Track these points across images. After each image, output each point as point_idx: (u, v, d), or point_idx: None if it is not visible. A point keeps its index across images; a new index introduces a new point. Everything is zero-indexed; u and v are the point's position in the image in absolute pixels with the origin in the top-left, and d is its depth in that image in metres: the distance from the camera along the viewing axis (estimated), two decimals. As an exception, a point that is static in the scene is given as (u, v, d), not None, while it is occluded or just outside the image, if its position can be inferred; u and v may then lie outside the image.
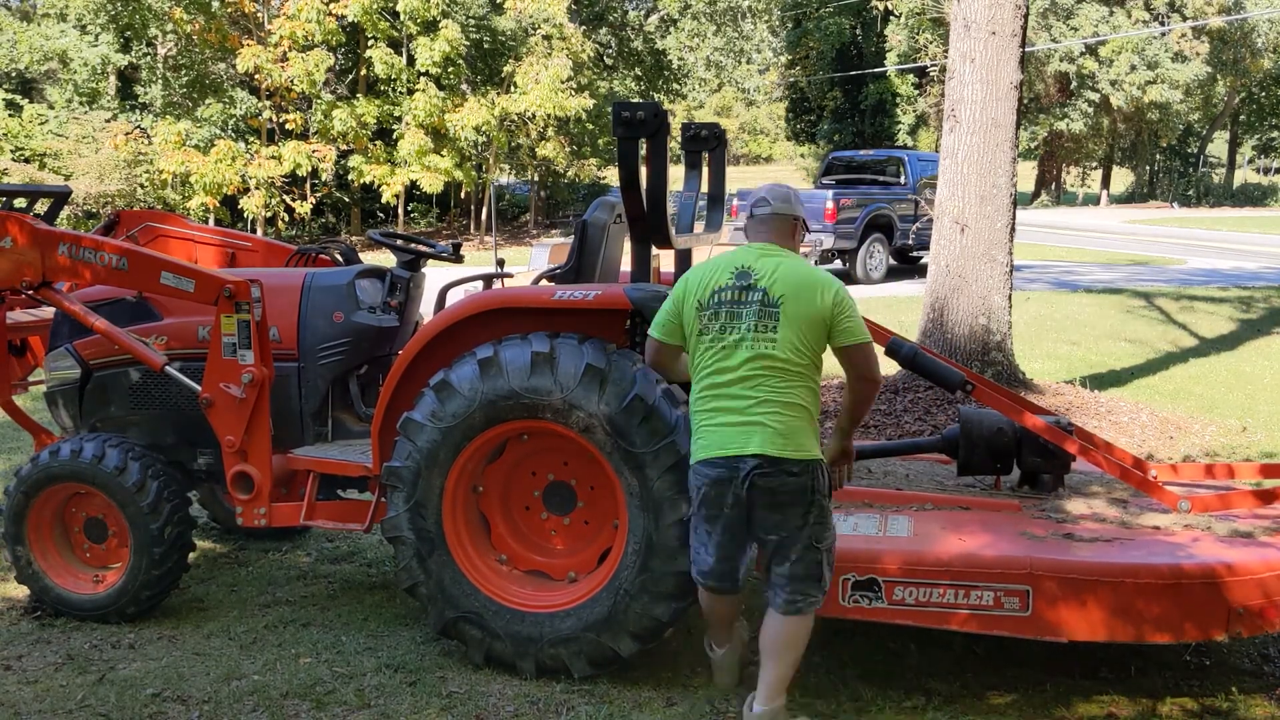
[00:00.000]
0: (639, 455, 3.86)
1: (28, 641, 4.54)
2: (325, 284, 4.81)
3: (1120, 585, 3.61)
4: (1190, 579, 3.63)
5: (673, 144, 4.58)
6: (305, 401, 4.75)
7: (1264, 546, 3.87)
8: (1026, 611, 3.64)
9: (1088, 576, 3.63)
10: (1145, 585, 3.62)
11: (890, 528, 4.03)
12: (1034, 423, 4.32)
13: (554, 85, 23.05)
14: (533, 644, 4.04)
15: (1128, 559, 3.71)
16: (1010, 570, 3.66)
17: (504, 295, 4.26)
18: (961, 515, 4.21)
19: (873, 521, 4.10)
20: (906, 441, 5.13)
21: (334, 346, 4.75)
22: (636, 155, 4.03)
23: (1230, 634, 3.67)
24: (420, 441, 4.06)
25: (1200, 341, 12.21)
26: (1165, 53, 39.68)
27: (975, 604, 3.67)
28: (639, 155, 4.05)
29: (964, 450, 4.53)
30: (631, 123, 3.98)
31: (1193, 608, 3.63)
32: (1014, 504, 4.32)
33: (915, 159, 20.03)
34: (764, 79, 49.87)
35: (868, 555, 3.78)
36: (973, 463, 4.54)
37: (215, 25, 23.09)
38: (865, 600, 3.76)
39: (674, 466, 3.83)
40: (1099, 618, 3.63)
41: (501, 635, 4.08)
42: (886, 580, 3.73)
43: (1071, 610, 3.63)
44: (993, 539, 3.90)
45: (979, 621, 3.69)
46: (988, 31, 7.96)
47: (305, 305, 4.76)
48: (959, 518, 4.18)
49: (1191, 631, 3.69)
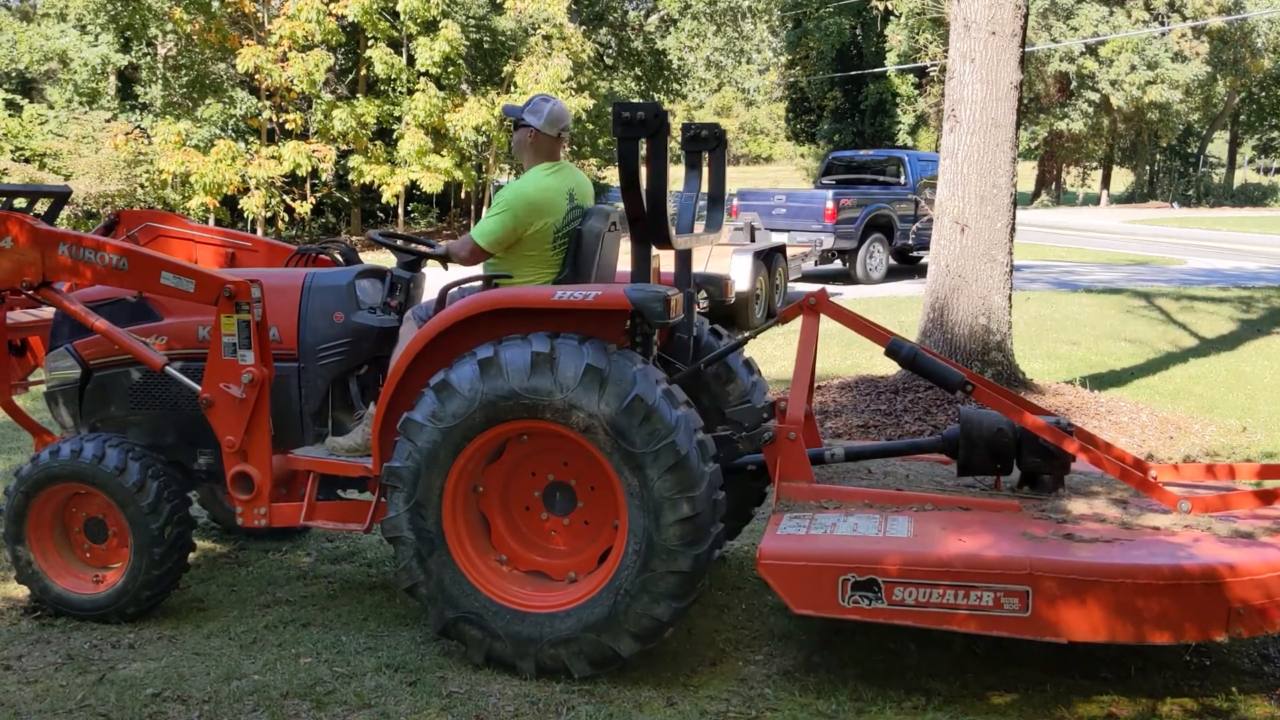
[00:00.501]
0: (639, 455, 3.86)
1: (28, 641, 4.53)
2: (325, 284, 4.80)
3: (1120, 586, 3.61)
4: (1190, 579, 3.63)
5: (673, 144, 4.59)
6: (305, 401, 4.74)
7: (1264, 547, 3.86)
8: (1026, 612, 3.64)
9: (1087, 577, 3.62)
10: (1145, 585, 3.61)
11: (890, 528, 4.02)
12: (1034, 423, 4.32)
13: (554, 85, 23.04)
14: (533, 644, 4.04)
15: (1127, 559, 3.71)
16: (1010, 571, 3.66)
17: (504, 295, 4.26)
18: (961, 516, 4.20)
19: (873, 522, 4.09)
20: (906, 442, 5.13)
21: (334, 347, 4.75)
22: (636, 155, 4.04)
23: (1230, 634, 3.67)
24: (420, 442, 4.06)
25: (1200, 341, 12.22)
26: (1165, 53, 39.71)
27: (975, 604, 3.67)
28: (639, 155, 4.05)
29: (964, 451, 4.53)
30: (631, 123, 3.98)
31: (1193, 608, 3.62)
32: (1014, 504, 4.32)
33: (915, 159, 20.02)
34: (764, 79, 49.86)
35: (867, 556, 3.78)
36: (973, 463, 4.54)
37: (215, 25, 23.07)
38: (865, 601, 3.75)
39: (674, 467, 3.84)
40: (1099, 618, 3.63)
41: (501, 635, 4.08)
42: (886, 581, 3.72)
43: (1071, 611, 3.63)
44: (992, 539, 3.90)
45: (978, 622, 3.69)
46: (988, 31, 7.97)
47: (305, 305, 4.75)
48: (959, 518, 4.17)
49: (1191, 632, 3.68)
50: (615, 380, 3.88)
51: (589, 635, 3.98)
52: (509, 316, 4.13)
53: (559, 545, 4.28)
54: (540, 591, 4.17)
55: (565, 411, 3.92)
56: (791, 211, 18.01)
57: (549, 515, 4.26)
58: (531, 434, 4.14)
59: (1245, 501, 4.25)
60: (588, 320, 4.08)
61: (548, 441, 4.15)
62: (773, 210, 17.96)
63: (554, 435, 4.06)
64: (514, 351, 3.98)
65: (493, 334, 4.10)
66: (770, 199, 18.62)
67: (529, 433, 4.13)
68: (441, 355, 4.17)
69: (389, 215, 28.09)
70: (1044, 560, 3.68)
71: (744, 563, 5.28)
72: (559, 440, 4.08)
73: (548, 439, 4.13)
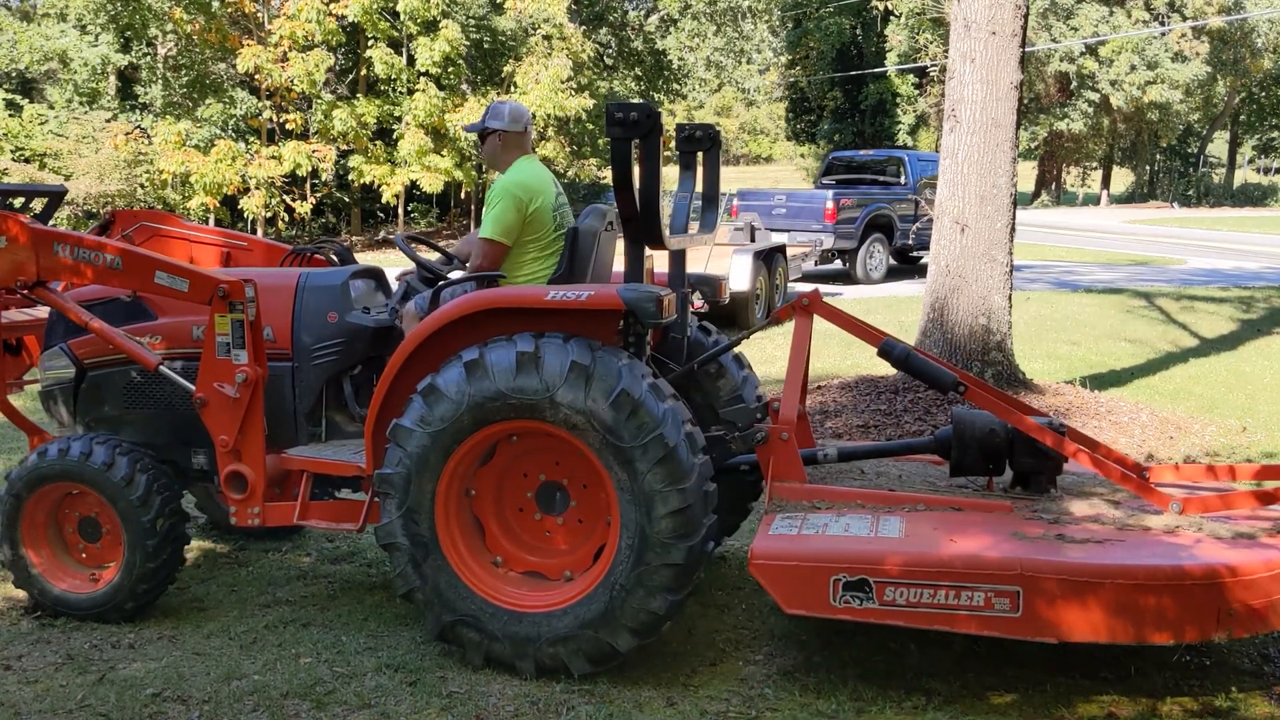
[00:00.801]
0: (627, 450, 3.87)
1: (28, 641, 4.53)
2: (319, 284, 4.81)
3: (1112, 586, 3.60)
4: (1184, 579, 3.62)
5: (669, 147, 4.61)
6: (299, 401, 4.75)
7: (1256, 547, 3.86)
8: (1017, 612, 3.63)
9: (1079, 577, 3.62)
10: (1138, 585, 3.61)
11: (882, 528, 4.02)
12: (1026, 424, 4.32)
13: (554, 85, 23.04)
14: (531, 644, 4.04)
15: (1119, 560, 3.70)
16: (1001, 571, 3.65)
17: (497, 295, 4.26)
18: (954, 516, 4.19)
19: (865, 522, 4.09)
20: (900, 442, 5.13)
21: (328, 346, 4.76)
22: (629, 156, 4.04)
23: (1224, 634, 3.66)
24: (410, 447, 4.06)
25: (1200, 341, 12.21)
26: (1165, 53, 39.71)
27: (966, 604, 3.66)
28: (632, 156, 4.05)
29: (956, 451, 4.52)
30: (625, 123, 3.99)
31: (1186, 608, 3.61)
32: (1006, 505, 4.31)
33: (915, 159, 20.02)
34: (764, 79, 49.86)
35: (858, 556, 3.77)
36: (965, 463, 4.54)
37: (215, 25, 23.07)
38: (856, 601, 3.75)
39: (663, 460, 3.85)
40: (1090, 618, 3.62)
41: (499, 637, 4.07)
42: (877, 581, 3.72)
43: (1062, 611, 3.62)
44: (985, 540, 3.89)
45: (970, 622, 3.68)
46: (988, 31, 7.96)
47: (299, 305, 4.76)
48: (951, 519, 4.16)
49: (1186, 632, 3.67)
50: (600, 376, 3.88)
51: (586, 632, 3.98)
52: (503, 317, 4.13)
53: (554, 545, 4.28)
54: (536, 591, 4.17)
55: (553, 409, 3.92)
56: (791, 211, 18.01)
57: (543, 515, 4.26)
58: (521, 435, 4.14)
59: (1239, 502, 4.24)
60: (581, 320, 4.08)
61: (538, 441, 4.15)
62: (773, 210, 17.96)
63: (544, 435, 4.06)
64: (499, 353, 3.98)
65: (487, 334, 4.10)
66: (770, 199, 18.62)
67: (519, 433, 4.13)
68: (435, 356, 4.17)
69: (389, 215, 28.09)
70: (1035, 560, 3.67)
71: (744, 562, 5.26)
72: (549, 440, 4.08)
73: (538, 439, 4.13)
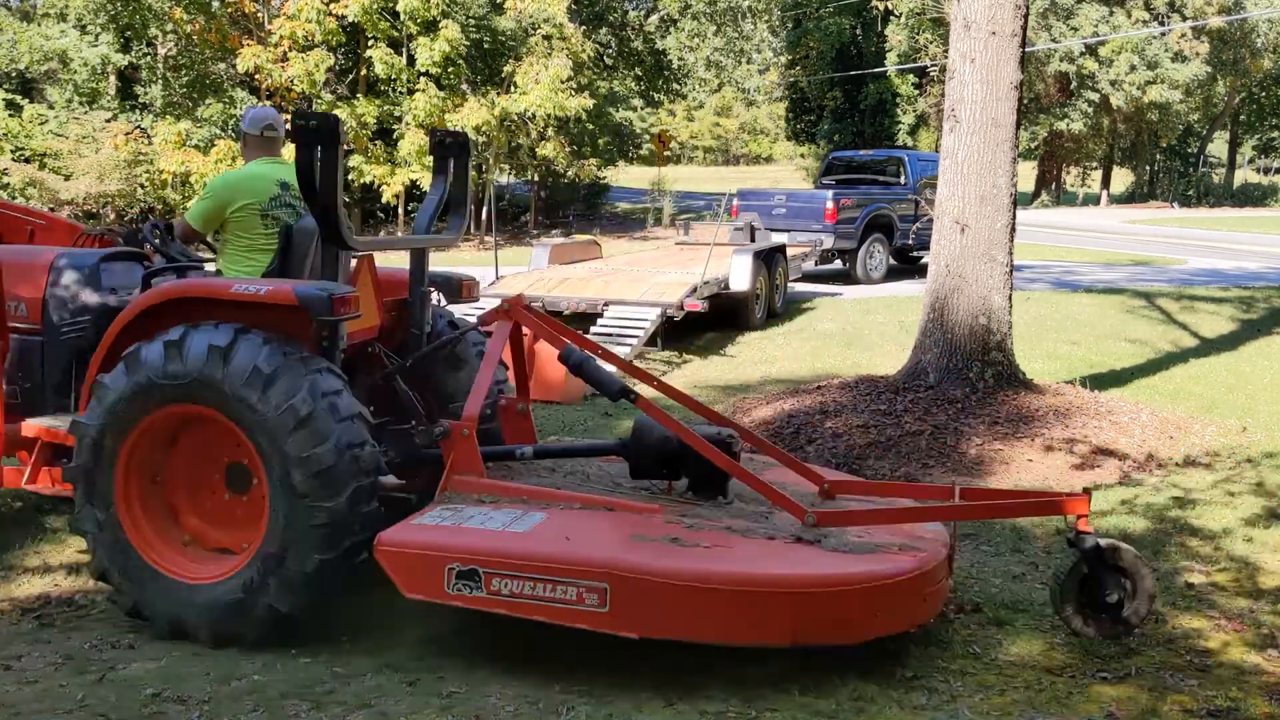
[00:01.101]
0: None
1: (27, 641, 4.54)
2: (72, 264, 5.19)
3: (686, 588, 3.83)
4: (752, 586, 3.85)
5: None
6: (47, 373, 5.10)
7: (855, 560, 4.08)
8: (605, 608, 3.86)
9: (659, 578, 3.84)
10: (710, 590, 3.83)
11: (516, 524, 4.22)
12: (689, 436, 4.54)
13: (554, 85, 23.02)
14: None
15: (702, 565, 3.91)
16: (591, 569, 3.88)
17: (186, 286, 4.60)
18: (596, 515, 4.39)
19: (509, 517, 4.29)
20: (586, 444, 5.44)
21: (76, 324, 5.12)
22: (314, 162, 4.33)
23: (792, 642, 3.90)
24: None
25: (1201, 341, 12.22)
26: (1165, 53, 39.69)
27: (560, 598, 3.91)
28: (316, 161, 4.34)
29: (634, 456, 4.80)
30: (306, 130, 4.32)
31: (753, 613, 3.86)
32: (655, 508, 4.49)
33: (915, 159, 20.01)
34: (764, 79, 49.87)
35: (471, 548, 4.02)
36: (642, 467, 4.80)
37: (215, 25, 23.07)
38: (467, 589, 4.00)
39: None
40: (668, 617, 3.86)
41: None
42: (486, 571, 3.97)
43: (645, 609, 3.84)
44: (598, 540, 4.11)
45: (565, 614, 3.90)
46: (988, 31, 7.97)
47: (50, 283, 5.14)
48: (591, 518, 4.36)
49: (751, 635, 3.90)
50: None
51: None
52: (195, 306, 4.43)
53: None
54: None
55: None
56: (791, 211, 18.01)
57: (232, 495, 4.53)
58: (195, 420, 4.43)
59: (873, 519, 4.46)
60: (272, 316, 4.37)
61: (217, 425, 4.39)
62: (773, 210, 17.96)
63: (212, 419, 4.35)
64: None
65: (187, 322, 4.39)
66: (770, 199, 18.62)
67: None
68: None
69: (389, 215, 28.09)
70: (624, 560, 3.90)
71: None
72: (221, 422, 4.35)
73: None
